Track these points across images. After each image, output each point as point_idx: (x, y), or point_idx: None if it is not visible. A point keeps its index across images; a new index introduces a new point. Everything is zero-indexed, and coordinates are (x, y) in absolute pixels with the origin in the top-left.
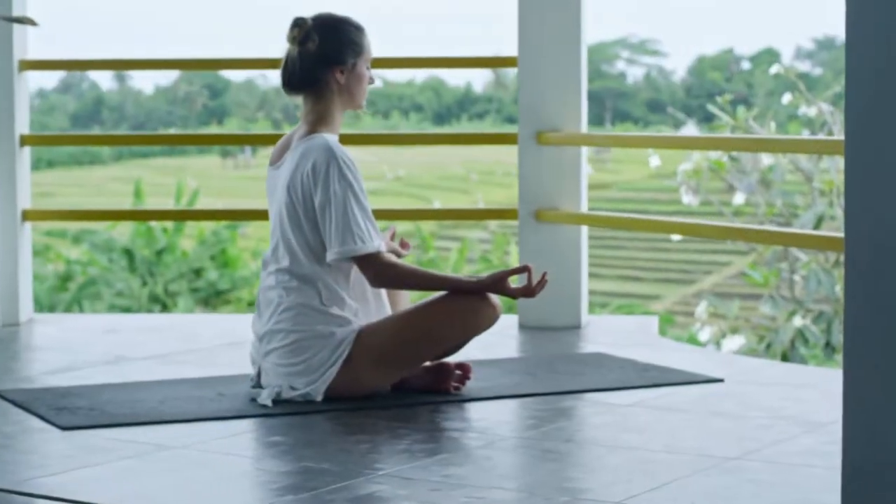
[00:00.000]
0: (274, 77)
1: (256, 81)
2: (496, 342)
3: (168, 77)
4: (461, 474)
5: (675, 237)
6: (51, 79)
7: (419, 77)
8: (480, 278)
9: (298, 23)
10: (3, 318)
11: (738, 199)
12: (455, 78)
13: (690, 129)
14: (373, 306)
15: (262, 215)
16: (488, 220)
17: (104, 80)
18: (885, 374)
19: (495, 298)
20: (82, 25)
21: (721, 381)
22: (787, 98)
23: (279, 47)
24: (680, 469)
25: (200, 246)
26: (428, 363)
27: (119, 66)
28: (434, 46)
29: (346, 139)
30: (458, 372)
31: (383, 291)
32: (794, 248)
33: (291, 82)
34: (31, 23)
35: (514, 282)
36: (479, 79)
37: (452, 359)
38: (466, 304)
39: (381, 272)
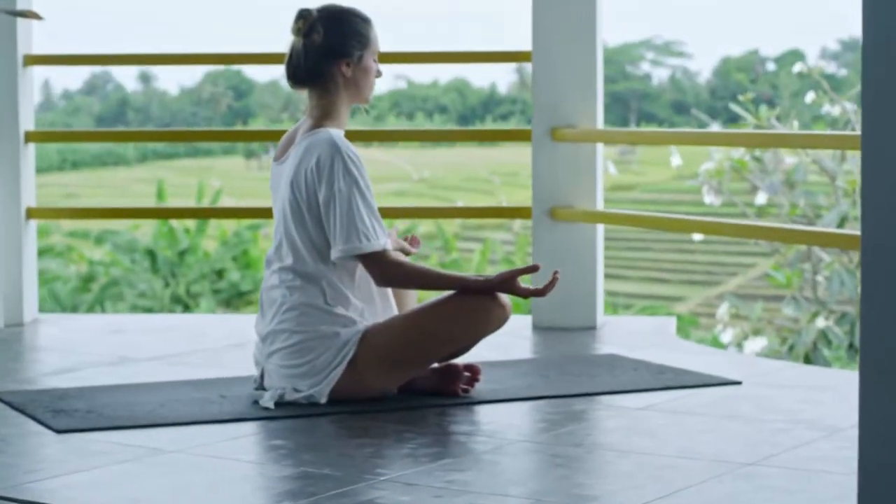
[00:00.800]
0: None
1: (281, 82)
2: (509, 343)
3: (193, 78)
4: (466, 480)
5: (697, 237)
6: (75, 80)
7: (443, 78)
8: (489, 277)
9: (303, 14)
10: (6, 318)
11: (761, 199)
12: (480, 79)
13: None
14: (379, 306)
15: (259, 213)
16: (501, 218)
17: (129, 81)
18: None
19: (505, 298)
20: (83, 25)
21: (738, 383)
22: (810, 97)
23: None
24: (693, 475)
25: (222, 247)
26: (436, 364)
27: (126, 60)
28: (436, 45)
29: (353, 135)
30: (466, 374)
31: (389, 291)
32: (817, 248)
33: (296, 76)
34: (36, 17)
35: (528, 281)
36: (503, 80)
37: (461, 360)
38: (476, 303)
39: (386, 271)
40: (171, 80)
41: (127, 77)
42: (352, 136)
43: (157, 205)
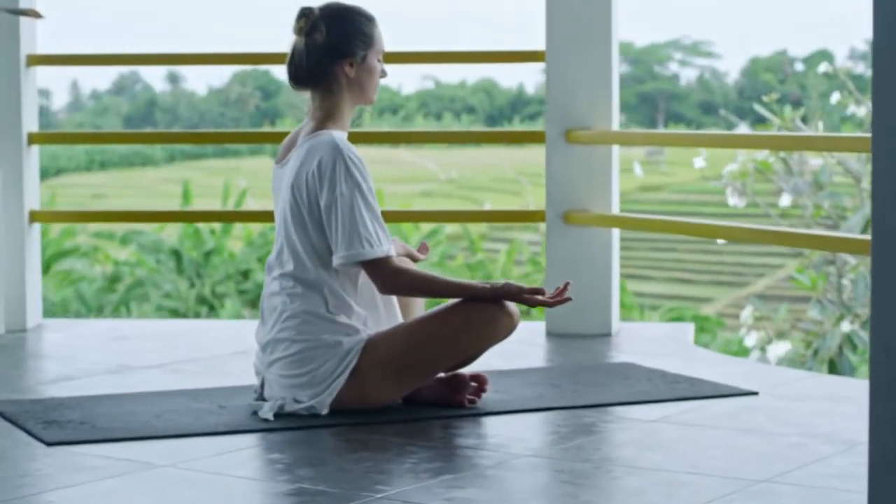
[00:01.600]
0: None
1: None
2: (521, 351)
3: (221, 78)
4: (467, 497)
5: (720, 240)
6: (104, 80)
7: (471, 79)
8: (496, 285)
9: (305, 13)
10: (8, 323)
11: (785, 201)
12: (507, 79)
13: (741, 131)
14: (382, 314)
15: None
16: (514, 222)
17: (157, 81)
18: None
19: (513, 306)
20: (83, 25)
21: (755, 394)
22: (835, 98)
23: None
24: (703, 493)
25: (248, 247)
26: (442, 374)
27: (133, 60)
28: (437, 45)
29: (356, 136)
30: (473, 384)
31: (394, 298)
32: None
33: (298, 76)
34: (36, 15)
35: None
36: (530, 80)
37: (468, 369)
38: (483, 312)
39: (390, 278)
40: (200, 80)
41: (155, 77)
42: (353, 136)
43: (182, 205)
